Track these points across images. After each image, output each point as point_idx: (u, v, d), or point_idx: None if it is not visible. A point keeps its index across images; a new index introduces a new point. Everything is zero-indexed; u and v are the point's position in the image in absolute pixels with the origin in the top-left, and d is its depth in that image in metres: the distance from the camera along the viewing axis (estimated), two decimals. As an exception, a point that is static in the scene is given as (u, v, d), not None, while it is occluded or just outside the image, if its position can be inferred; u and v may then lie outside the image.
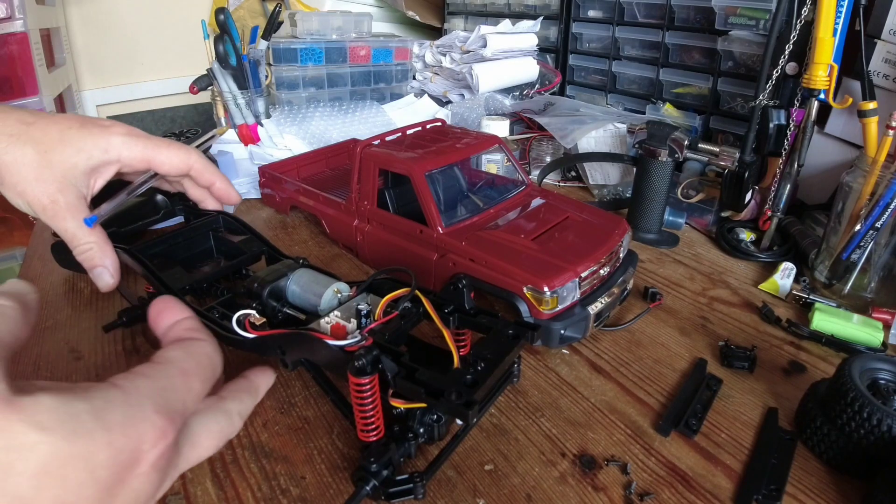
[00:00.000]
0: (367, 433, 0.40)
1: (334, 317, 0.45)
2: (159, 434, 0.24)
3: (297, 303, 0.51)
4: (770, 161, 0.80)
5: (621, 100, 1.15)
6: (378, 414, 0.40)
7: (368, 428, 0.40)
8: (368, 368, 0.37)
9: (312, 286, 0.50)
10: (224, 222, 0.65)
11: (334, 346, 0.41)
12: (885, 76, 0.74)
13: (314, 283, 0.50)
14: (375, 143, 0.69)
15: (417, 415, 0.40)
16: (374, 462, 0.38)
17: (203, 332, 0.32)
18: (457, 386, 0.36)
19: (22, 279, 0.29)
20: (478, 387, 0.36)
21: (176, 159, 0.44)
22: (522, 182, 0.71)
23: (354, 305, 0.45)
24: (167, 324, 0.32)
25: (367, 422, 0.40)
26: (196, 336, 0.32)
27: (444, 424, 0.42)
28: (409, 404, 0.39)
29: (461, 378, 0.37)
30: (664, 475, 0.43)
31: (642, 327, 0.61)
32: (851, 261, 0.63)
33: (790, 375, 0.54)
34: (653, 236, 0.79)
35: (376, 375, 0.38)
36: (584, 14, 1.18)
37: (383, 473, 0.38)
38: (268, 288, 0.50)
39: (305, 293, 0.50)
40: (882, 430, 0.40)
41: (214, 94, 1.10)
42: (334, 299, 0.49)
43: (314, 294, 0.49)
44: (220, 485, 0.41)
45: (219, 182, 0.49)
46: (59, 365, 0.54)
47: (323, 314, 0.46)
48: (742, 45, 0.90)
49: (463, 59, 1.26)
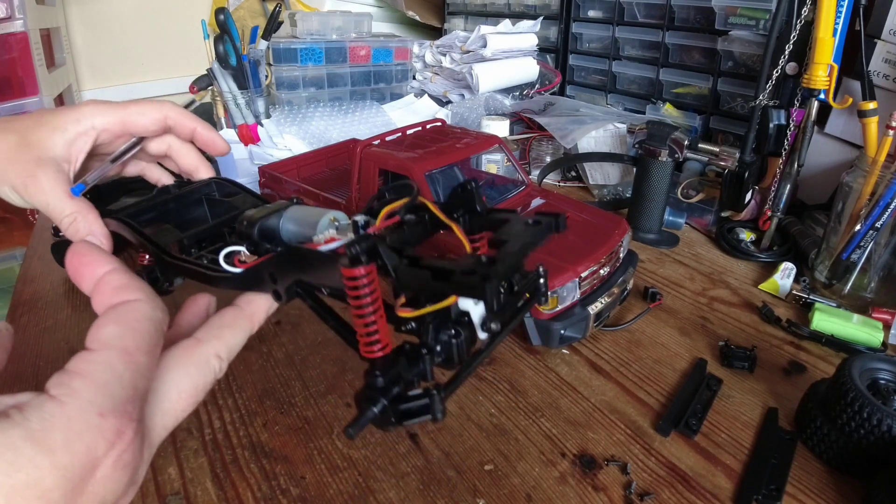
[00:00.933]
0: (370, 346, 0.32)
1: (330, 233, 0.39)
2: (113, 436, 0.23)
3: (293, 241, 0.47)
4: (770, 161, 0.80)
5: (621, 100, 1.15)
6: (381, 319, 0.33)
7: (371, 338, 0.32)
8: (364, 258, 0.31)
9: (307, 217, 0.46)
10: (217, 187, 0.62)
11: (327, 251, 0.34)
12: (885, 76, 0.74)
13: (309, 214, 0.46)
14: (375, 143, 0.69)
15: (430, 330, 0.33)
16: (379, 376, 0.31)
17: (134, 286, 0.29)
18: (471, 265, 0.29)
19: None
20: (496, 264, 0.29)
21: (150, 111, 0.43)
22: (522, 182, 0.71)
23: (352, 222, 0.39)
24: (91, 282, 0.29)
25: (369, 329, 0.32)
26: (128, 296, 0.28)
27: (464, 342, 0.34)
28: (419, 311, 0.32)
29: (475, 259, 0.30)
30: (664, 475, 0.43)
31: (642, 327, 0.61)
32: (851, 261, 0.63)
33: (790, 375, 0.54)
34: (653, 236, 0.79)
35: (374, 266, 0.32)
36: (584, 14, 1.18)
37: (393, 391, 0.31)
38: (258, 225, 0.44)
39: (300, 226, 0.44)
40: (882, 430, 0.40)
41: (214, 94, 1.10)
42: (331, 227, 0.45)
43: (309, 225, 0.45)
44: (220, 485, 0.41)
45: (200, 127, 0.46)
46: (59, 365, 0.54)
47: None
48: (742, 45, 0.90)
49: (463, 59, 1.26)
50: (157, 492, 0.41)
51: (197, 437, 0.46)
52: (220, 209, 0.61)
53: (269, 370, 0.53)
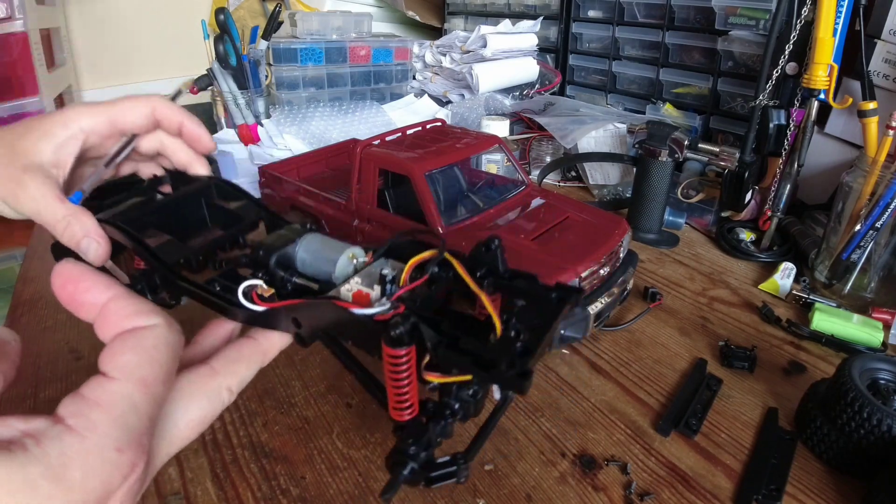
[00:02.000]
0: (400, 411, 0.35)
1: (355, 283, 0.40)
2: (128, 470, 0.22)
3: (308, 271, 0.47)
4: (770, 161, 0.80)
5: (621, 100, 1.15)
6: (414, 389, 0.35)
7: (403, 405, 0.35)
8: (406, 338, 0.33)
9: (325, 252, 0.46)
10: (217, 189, 0.61)
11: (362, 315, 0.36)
12: (885, 76, 0.74)
13: (327, 248, 0.46)
14: (375, 143, 0.69)
15: (454, 389, 0.36)
16: (412, 444, 0.34)
17: (146, 311, 0.27)
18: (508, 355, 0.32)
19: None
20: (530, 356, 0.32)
21: (138, 106, 0.42)
22: (522, 182, 0.71)
23: (376, 271, 0.41)
24: (92, 311, 0.27)
25: (402, 398, 0.35)
26: (141, 323, 0.26)
27: (481, 399, 0.37)
28: (447, 378, 0.34)
29: (510, 346, 0.33)
30: (664, 475, 0.43)
31: (642, 327, 0.61)
32: (851, 261, 0.63)
33: (790, 375, 0.54)
34: (653, 236, 0.79)
35: (414, 346, 0.34)
36: (584, 14, 1.18)
37: (422, 455, 0.34)
38: (275, 255, 0.46)
39: (317, 260, 0.46)
40: (882, 430, 0.40)
41: (214, 94, 1.10)
42: (349, 266, 0.45)
43: (327, 260, 0.46)
44: (220, 485, 0.41)
45: (187, 121, 0.44)
46: (59, 365, 0.54)
47: (338, 282, 0.43)
48: (742, 45, 0.90)
49: (463, 59, 1.26)
50: (157, 492, 0.41)
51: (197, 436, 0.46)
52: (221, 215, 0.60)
53: (269, 370, 0.53)
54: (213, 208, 0.61)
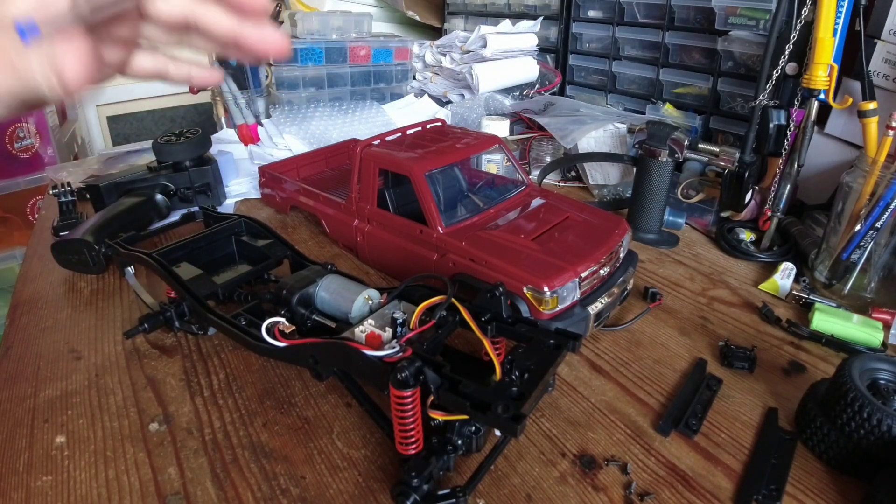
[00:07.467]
0: (406, 446, 0.39)
1: (369, 325, 0.44)
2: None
3: (327, 310, 0.51)
4: (770, 161, 0.80)
5: (621, 100, 1.15)
6: (418, 426, 0.39)
7: (408, 441, 0.39)
8: (411, 381, 0.37)
9: (343, 293, 0.49)
10: (246, 226, 0.65)
11: (373, 356, 0.40)
12: (885, 76, 0.74)
13: (344, 289, 0.50)
14: (375, 143, 0.69)
15: (457, 426, 0.39)
16: (415, 476, 0.37)
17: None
18: (503, 399, 0.35)
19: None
20: (524, 399, 0.35)
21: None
22: (522, 182, 0.71)
23: (388, 313, 0.44)
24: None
25: (407, 435, 0.39)
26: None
27: (483, 436, 0.41)
28: (450, 416, 0.38)
29: (506, 390, 0.36)
30: (664, 475, 0.43)
31: (642, 327, 0.61)
32: (851, 261, 0.63)
33: (790, 375, 0.54)
34: (653, 236, 0.79)
35: (419, 388, 0.37)
36: (584, 14, 1.18)
37: (424, 488, 0.38)
38: (297, 295, 0.49)
39: (336, 300, 0.49)
40: (882, 430, 0.40)
41: (215, 93, 1.10)
42: (365, 307, 0.48)
43: (345, 301, 0.49)
44: (220, 485, 0.41)
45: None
46: (59, 364, 0.54)
47: (354, 322, 0.46)
48: (742, 45, 0.90)
49: (463, 59, 1.26)
50: (157, 492, 0.41)
51: (197, 437, 0.46)
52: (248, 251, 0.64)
53: (269, 370, 0.53)
54: (242, 244, 0.65)
